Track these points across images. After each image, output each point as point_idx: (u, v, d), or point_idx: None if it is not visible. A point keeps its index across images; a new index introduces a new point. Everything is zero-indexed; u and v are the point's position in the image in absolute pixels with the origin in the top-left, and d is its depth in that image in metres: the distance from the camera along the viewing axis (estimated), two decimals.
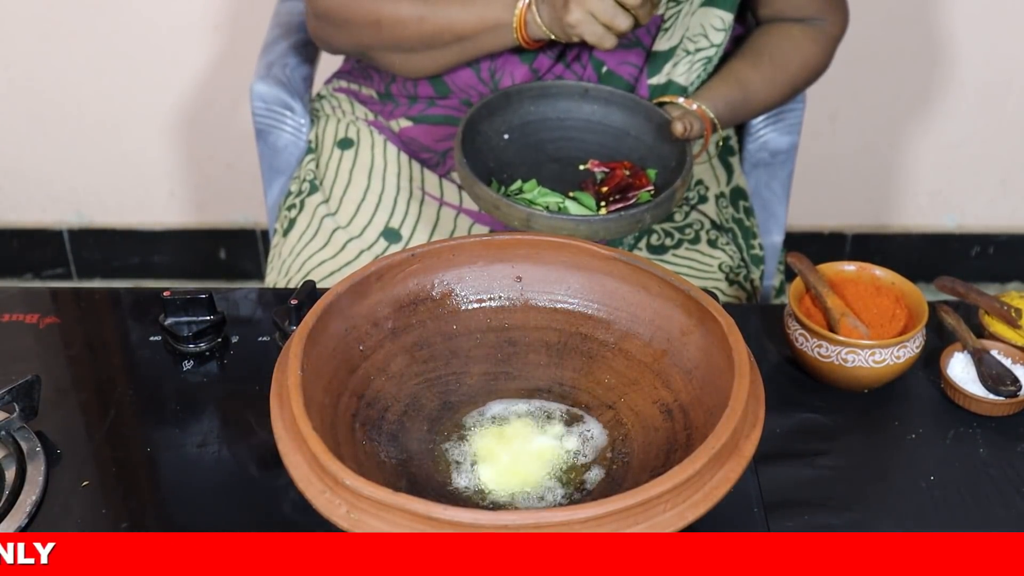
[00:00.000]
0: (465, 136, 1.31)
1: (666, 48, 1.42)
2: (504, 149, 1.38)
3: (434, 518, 0.79)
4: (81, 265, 2.46)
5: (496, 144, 1.38)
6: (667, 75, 1.44)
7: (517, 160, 1.38)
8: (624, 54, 1.42)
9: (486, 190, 1.26)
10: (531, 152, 1.39)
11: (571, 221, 1.24)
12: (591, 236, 1.24)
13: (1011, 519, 1.00)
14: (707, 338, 0.95)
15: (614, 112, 1.41)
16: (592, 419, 1.00)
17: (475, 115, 1.35)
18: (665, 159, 1.36)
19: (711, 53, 1.44)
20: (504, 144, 1.39)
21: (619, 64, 1.43)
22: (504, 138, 1.39)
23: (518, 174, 1.36)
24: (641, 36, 1.41)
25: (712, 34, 1.43)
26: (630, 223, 1.25)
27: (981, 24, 2.13)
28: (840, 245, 2.40)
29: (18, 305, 1.21)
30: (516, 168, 1.37)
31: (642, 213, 1.25)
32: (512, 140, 1.39)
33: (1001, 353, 1.13)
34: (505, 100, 1.39)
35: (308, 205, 1.51)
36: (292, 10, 1.71)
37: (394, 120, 1.52)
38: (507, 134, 1.39)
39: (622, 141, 1.40)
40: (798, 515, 1.00)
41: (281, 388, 0.89)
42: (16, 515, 0.96)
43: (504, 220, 1.26)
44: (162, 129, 2.27)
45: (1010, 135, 2.26)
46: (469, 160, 1.29)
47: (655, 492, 0.80)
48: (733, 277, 1.46)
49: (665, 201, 1.27)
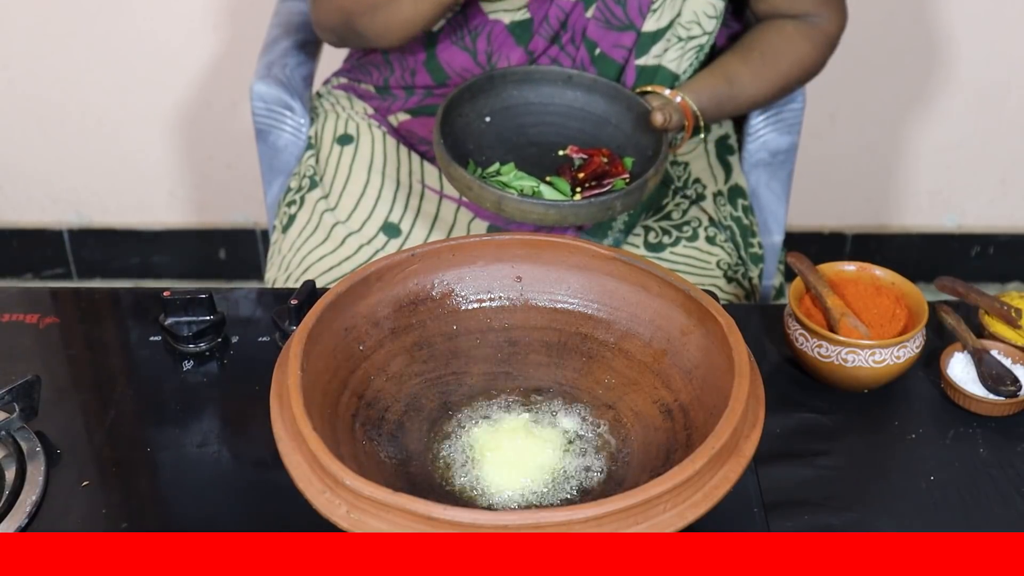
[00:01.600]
0: (445, 117, 1.33)
1: (654, 29, 1.42)
2: (485, 132, 1.40)
3: (434, 518, 0.79)
4: (81, 265, 2.46)
5: (477, 127, 1.39)
6: (656, 58, 1.44)
7: (497, 143, 1.39)
8: (617, 36, 1.42)
9: (460, 171, 1.27)
10: (511, 135, 1.41)
11: (541, 205, 1.26)
12: (560, 221, 1.26)
13: (1011, 519, 1.00)
14: (707, 338, 0.95)
15: (596, 99, 1.42)
16: (592, 419, 1.00)
17: (457, 96, 1.36)
18: (643, 148, 1.37)
19: (703, 41, 1.44)
20: (485, 127, 1.40)
21: (612, 47, 1.43)
22: (486, 121, 1.40)
23: (496, 157, 1.37)
24: (633, 18, 1.41)
25: (704, 21, 1.43)
26: (600, 209, 1.27)
27: (981, 24, 2.13)
28: (840, 245, 2.40)
29: (18, 305, 1.21)
30: (495, 151, 1.38)
31: (612, 200, 1.26)
32: (493, 123, 1.40)
33: (1001, 353, 1.13)
34: (489, 83, 1.40)
35: (308, 201, 1.51)
36: (292, 10, 1.71)
37: (392, 115, 1.52)
38: (489, 117, 1.40)
39: (602, 129, 1.41)
40: (798, 515, 1.00)
41: (281, 388, 0.89)
42: (16, 515, 0.96)
43: (476, 202, 1.28)
44: (162, 129, 2.27)
45: (1009, 135, 2.26)
46: (447, 141, 1.30)
47: (655, 492, 0.80)
48: (731, 275, 1.47)
49: (636, 190, 1.28)
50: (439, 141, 1.29)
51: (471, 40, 1.46)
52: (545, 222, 1.27)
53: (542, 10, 1.42)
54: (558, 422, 1.00)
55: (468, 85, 1.38)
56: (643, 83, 1.45)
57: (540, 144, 1.40)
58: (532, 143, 1.41)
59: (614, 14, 1.41)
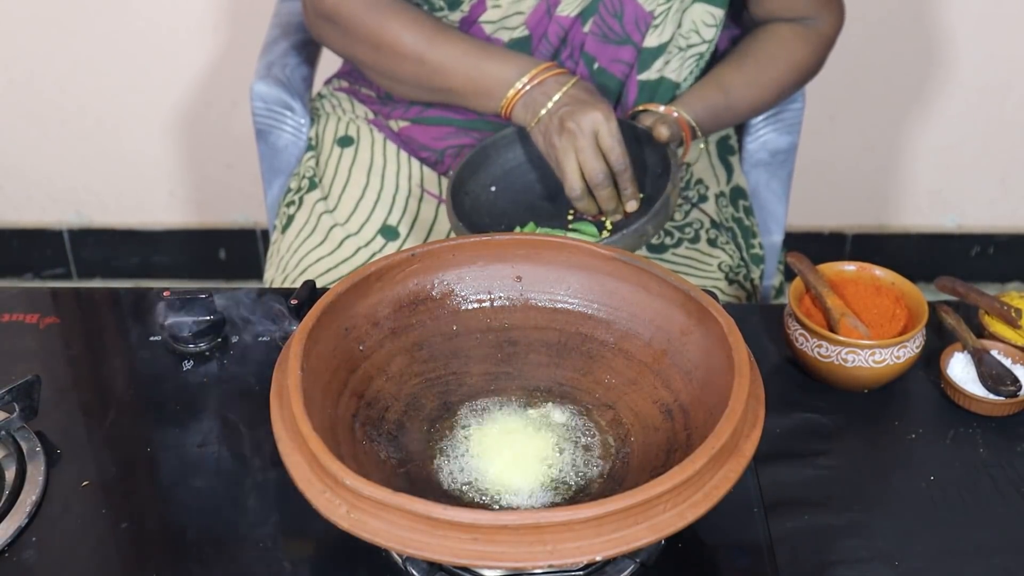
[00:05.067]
0: (454, 199, 1.32)
1: (656, 44, 1.42)
2: (495, 202, 1.39)
3: (434, 518, 0.79)
4: (81, 265, 2.46)
5: (486, 199, 1.38)
6: (659, 71, 1.44)
7: (510, 208, 1.39)
8: (615, 50, 1.42)
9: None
10: (521, 197, 1.40)
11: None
12: None
13: (1011, 519, 1.00)
14: (707, 338, 0.95)
15: None
16: (592, 419, 1.00)
17: (459, 176, 1.36)
18: (651, 167, 1.36)
19: (703, 49, 1.44)
20: (493, 196, 1.39)
21: (611, 62, 1.43)
22: (491, 191, 1.39)
23: (515, 221, 1.36)
24: (631, 33, 1.41)
25: (704, 30, 1.43)
26: (635, 238, 1.26)
27: (980, 24, 2.13)
28: (840, 245, 2.40)
29: (18, 305, 1.21)
30: (512, 216, 1.37)
31: (643, 226, 1.26)
32: (500, 191, 1.40)
33: (1001, 353, 1.13)
34: (483, 155, 1.40)
35: (307, 202, 1.51)
36: (292, 10, 1.71)
37: (393, 120, 1.52)
38: (493, 186, 1.40)
39: None
40: (798, 515, 1.00)
41: (281, 388, 0.89)
42: (16, 515, 0.96)
43: None
44: (162, 129, 2.27)
45: (1009, 135, 2.26)
46: (465, 223, 1.29)
47: (655, 492, 0.80)
48: (733, 276, 1.46)
49: (661, 209, 1.27)
50: (458, 225, 1.29)
51: None
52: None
53: (541, 27, 1.41)
54: (558, 422, 1.00)
55: (465, 163, 1.37)
56: (645, 97, 1.45)
57: (551, 197, 1.39)
58: (543, 198, 1.40)
59: (611, 28, 1.40)
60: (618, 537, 0.80)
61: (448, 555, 0.79)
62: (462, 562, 0.79)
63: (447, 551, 0.79)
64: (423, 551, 0.79)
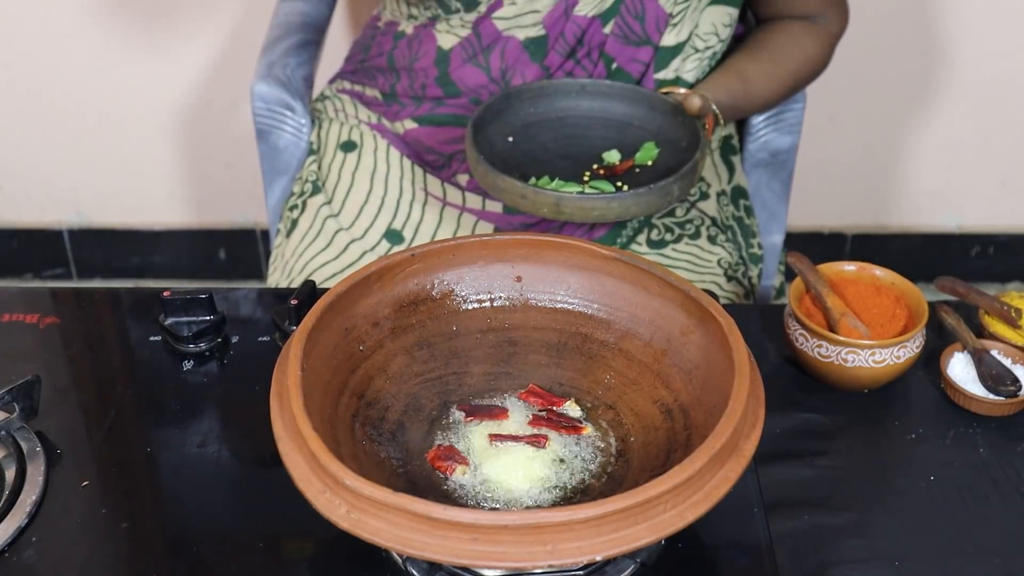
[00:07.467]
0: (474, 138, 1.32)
1: (674, 43, 1.43)
2: (512, 151, 1.38)
3: (434, 518, 0.79)
4: (81, 265, 2.46)
5: (502, 148, 1.38)
6: (675, 71, 1.45)
7: (526, 160, 1.38)
8: (634, 51, 1.43)
9: (510, 181, 1.25)
10: (539, 152, 1.40)
11: (603, 199, 1.24)
12: (622, 214, 1.25)
13: (1011, 519, 1.00)
14: (707, 338, 0.95)
15: (614, 104, 1.41)
16: (592, 419, 1.00)
17: (480, 118, 1.35)
18: (676, 141, 1.36)
19: (717, 48, 1.46)
20: (510, 146, 1.39)
21: (629, 61, 1.43)
22: (508, 140, 1.39)
23: (530, 172, 1.36)
24: (650, 33, 1.41)
25: (721, 30, 1.45)
26: (659, 196, 1.25)
27: (981, 24, 2.13)
28: (840, 245, 2.40)
29: (18, 305, 1.21)
30: (526, 168, 1.37)
31: (669, 184, 1.25)
32: (517, 143, 1.39)
33: (1001, 353, 1.13)
34: (505, 102, 1.39)
35: (310, 206, 1.51)
36: (292, 10, 1.71)
37: (399, 121, 1.52)
38: (511, 136, 1.39)
39: (625, 131, 1.41)
40: (798, 515, 1.00)
41: (281, 388, 0.89)
42: (16, 515, 0.96)
43: (532, 210, 1.25)
44: (162, 129, 2.27)
45: (1010, 135, 2.26)
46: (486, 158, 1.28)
47: (655, 492, 0.80)
48: (731, 274, 1.47)
49: (689, 172, 1.27)
50: (477, 158, 1.28)
51: (484, 58, 1.45)
52: (607, 218, 1.24)
53: (558, 27, 1.41)
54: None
55: (487, 106, 1.37)
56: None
57: (568, 157, 1.39)
58: (560, 156, 1.39)
59: (632, 30, 1.41)
60: (618, 537, 0.80)
61: (448, 555, 0.79)
62: (462, 562, 0.79)
63: (447, 551, 0.79)
64: (423, 551, 0.79)
